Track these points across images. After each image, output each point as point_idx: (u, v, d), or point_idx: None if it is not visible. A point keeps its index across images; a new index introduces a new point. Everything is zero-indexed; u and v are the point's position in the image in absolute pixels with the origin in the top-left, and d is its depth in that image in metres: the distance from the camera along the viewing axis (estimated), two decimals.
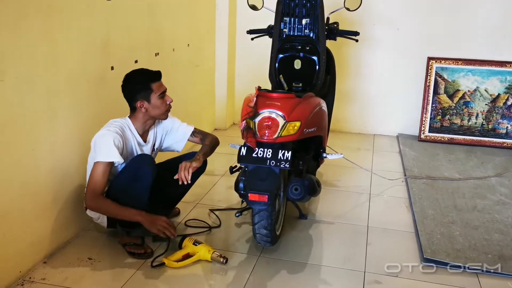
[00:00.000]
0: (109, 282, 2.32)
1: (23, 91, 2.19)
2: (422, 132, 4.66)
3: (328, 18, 3.29)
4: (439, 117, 4.64)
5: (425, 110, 4.64)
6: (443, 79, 4.59)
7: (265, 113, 2.35)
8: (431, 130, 4.66)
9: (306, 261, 2.56)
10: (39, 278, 2.31)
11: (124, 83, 2.48)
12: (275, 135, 2.31)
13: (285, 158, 2.30)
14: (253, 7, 3.31)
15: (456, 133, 4.61)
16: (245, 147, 2.36)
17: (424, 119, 4.65)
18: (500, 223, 3.00)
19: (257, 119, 2.35)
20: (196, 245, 2.47)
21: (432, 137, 4.65)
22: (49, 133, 2.40)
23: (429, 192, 3.45)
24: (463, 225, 2.97)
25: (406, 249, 2.71)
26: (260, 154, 2.33)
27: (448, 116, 4.62)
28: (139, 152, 2.54)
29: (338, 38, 3.34)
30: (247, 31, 3.38)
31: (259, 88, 2.55)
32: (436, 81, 4.59)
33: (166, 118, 2.57)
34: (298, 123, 2.37)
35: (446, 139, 4.62)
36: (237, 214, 2.77)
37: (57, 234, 2.55)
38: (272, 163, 2.30)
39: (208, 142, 2.71)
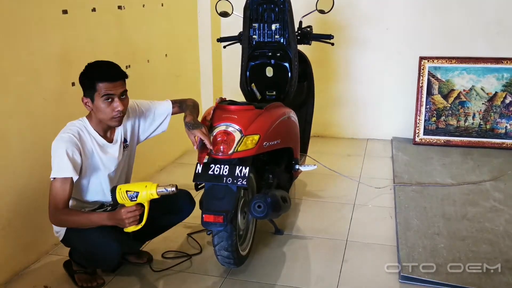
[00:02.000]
0: None
1: None
2: (417, 135, 4.47)
3: (300, 22, 3.14)
4: (434, 118, 4.44)
5: (419, 112, 4.44)
6: (437, 79, 4.39)
7: (220, 127, 2.22)
8: (426, 132, 4.46)
9: (275, 282, 2.41)
10: None
11: (81, 73, 2.21)
12: (231, 151, 2.17)
13: (242, 174, 2.16)
14: (224, 14, 3.18)
15: (452, 135, 4.41)
16: (201, 164, 2.22)
17: (418, 121, 4.45)
18: (490, 233, 2.81)
19: (213, 134, 2.21)
20: (134, 199, 2.08)
21: (428, 140, 4.45)
22: None
23: (417, 200, 3.27)
24: (449, 236, 2.78)
25: (384, 266, 2.53)
26: (217, 171, 2.19)
27: (444, 117, 4.42)
28: (103, 157, 2.26)
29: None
30: (217, 39, 3.25)
31: (219, 100, 2.43)
32: (429, 81, 4.39)
33: (116, 125, 2.24)
34: (256, 137, 2.23)
35: (442, 141, 4.42)
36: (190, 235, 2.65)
37: (15, 260, 2.44)
38: (229, 180, 2.16)
39: (190, 103, 2.47)
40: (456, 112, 4.39)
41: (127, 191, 2.07)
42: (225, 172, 2.18)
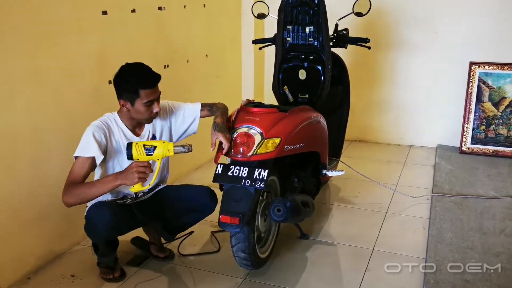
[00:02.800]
0: None
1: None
2: (464, 143, 4.28)
3: (336, 25, 3.10)
4: (483, 127, 4.23)
5: (467, 120, 4.25)
6: (487, 85, 4.18)
7: (242, 129, 2.22)
8: (474, 141, 4.26)
9: (293, 287, 2.38)
10: None
11: (116, 74, 2.25)
12: (250, 153, 2.17)
13: (261, 177, 2.16)
14: (261, 16, 3.19)
15: (502, 145, 4.18)
16: (221, 165, 2.24)
17: (465, 129, 4.26)
18: None
19: (233, 135, 2.22)
20: (150, 154, 2.10)
21: (475, 149, 4.25)
22: (30, 148, 2.41)
23: (455, 211, 3.13)
24: (483, 251, 2.64)
25: (408, 279, 2.45)
26: (236, 172, 2.20)
27: (493, 126, 4.20)
28: None
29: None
30: (252, 40, 3.27)
31: (245, 102, 2.44)
32: (479, 88, 4.19)
33: (149, 123, 2.36)
34: (277, 140, 2.21)
35: (491, 151, 4.20)
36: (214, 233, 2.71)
37: (45, 249, 2.56)
38: (247, 182, 2.16)
39: (220, 106, 2.49)
40: (507, 121, 4.16)
41: (144, 145, 2.10)
42: (244, 174, 2.18)
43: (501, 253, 2.62)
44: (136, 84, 2.19)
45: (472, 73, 4.19)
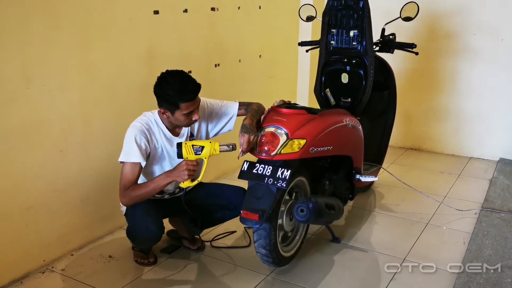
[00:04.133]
0: (113, 280, 2.45)
1: (53, 97, 2.44)
2: None
3: (383, 30, 3.05)
4: None
5: None
6: None
7: (269, 128, 2.27)
8: None
9: None
10: (59, 268, 2.54)
11: (156, 83, 2.30)
12: (274, 152, 2.22)
13: (283, 176, 2.20)
14: (309, 18, 3.21)
15: None
16: (247, 163, 2.30)
17: None
18: None
19: (260, 134, 2.28)
20: (198, 153, 2.27)
21: None
22: (81, 136, 2.62)
23: (501, 228, 2.97)
24: None
25: None
26: (260, 170, 2.26)
27: None
28: (169, 149, 2.42)
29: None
30: (298, 43, 3.30)
31: (278, 103, 2.49)
32: None
33: (188, 126, 2.47)
34: (302, 141, 2.24)
35: None
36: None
37: (88, 230, 2.77)
38: (270, 181, 2.21)
39: (255, 107, 2.52)
40: None
41: (193, 145, 2.28)
42: (268, 172, 2.23)
43: None
44: (176, 97, 2.24)
45: None
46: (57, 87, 2.46)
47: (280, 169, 2.22)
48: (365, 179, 2.76)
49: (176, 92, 2.24)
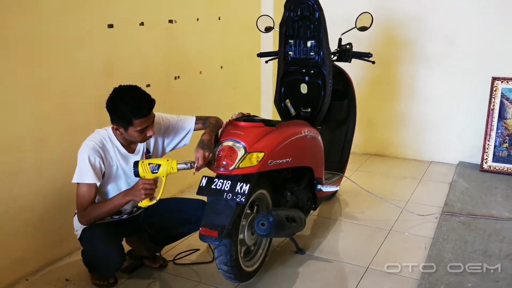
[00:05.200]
0: None
1: (1, 116, 2.35)
2: (485, 161, 4.13)
3: (340, 39, 3.08)
4: (505, 145, 4.07)
5: (488, 137, 4.10)
6: (511, 101, 4.02)
7: (226, 142, 2.25)
8: (496, 159, 4.10)
9: None
10: None
11: (109, 99, 2.25)
12: (232, 167, 2.19)
13: (242, 191, 2.17)
14: (268, 29, 3.22)
15: None
16: (206, 178, 2.27)
17: (487, 146, 4.11)
18: None
19: (217, 149, 2.25)
20: (155, 172, 2.21)
21: (496, 168, 4.09)
22: (34, 156, 2.53)
23: (461, 232, 3.03)
24: (483, 275, 2.54)
25: None
26: (219, 186, 2.22)
27: None
28: (124, 166, 2.36)
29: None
30: (257, 54, 3.29)
31: (237, 116, 2.47)
32: (502, 104, 4.04)
33: (143, 142, 2.43)
34: (261, 154, 2.22)
35: None
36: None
37: (45, 252, 2.67)
38: (229, 196, 2.18)
39: (213, 121, 2.48)
40: None
41: (149, 164, 2.22)
42: (226, 187, 2.20)
43: (501, 279, 2.51)
44: (129, 113, 2.19)
45: (494, 88, 4.05)
46: (7, 105, 2.37)
47: (239, 183, 2.19)
48: (326, 189, 2.76)
49: (129, 108, 2.19)
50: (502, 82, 4.03)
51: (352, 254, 2.83)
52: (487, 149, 4.11)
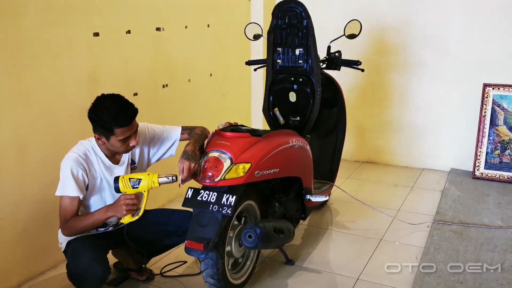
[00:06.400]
0: None
1: None
2: (477, 168, 4.10)
3: (329, 47, 3.05)
4: (497, 151, 4.05)
5: (480, 144, 4.08)
6: (502, 108, 4.01)
7: (212, 153, 2.21)
8: (488, 166, 4.08)
9: None
10: None
11: (91, 107, 2.19)
12: (218, 178, 2.15)
13: (228, 203, 2.13)
14: (256, 37, 3.18)
15: None
16: (192, 189, 2.23)
17: (479, 153, 4.09)
18: None
19: (203, 160, 2.21)
20: (136, 187, 2.15)
21: (488, 175, 4.06)
22: (15, 166, 2.48)
23: (453, 241, 2.99)
24: (474, 286, 2.51)
25: None
26: (205, 197, 2.18)
27: (508, 151, 4.01)
28: (109, 178, 2.30)
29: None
30: (245, 62, 3.26)
31: (223, 126, 2.43)
32: (493, 111, 4.02)
33: (126, 153, 2.38)
34: (247, 165, 2.18)
35: (506, 177, 4.01)
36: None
37: (28, 266, 2.61)
38: (215, 208, 2.14)
39: (198, 131, 2.43)
40: None
41: (130, 179, 2.15)
42: (212, 199, 2.16)
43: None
44: (110, 122, 2.14)
45: (486, 95, 4.03)
46: None
47: (225, 195, 2.15)
48: (315, 199, 2.72)
49: (111, 117, 2.14)
50: (493, 88, 4.01)
51: (342, 265, 2.78)
52: (479, 156, 4.09)
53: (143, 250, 2.54)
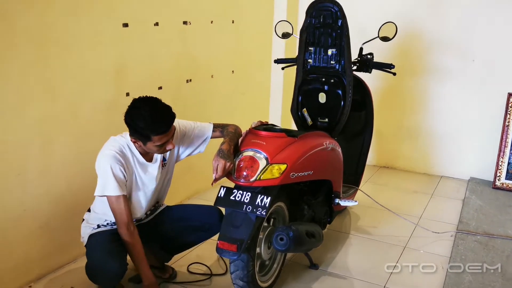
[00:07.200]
0: None
1: (9, 116, 2.23)
2: (498, 178, 4.04)
3: (361, 49, 2.99)
4: None
5: (502, 153, 4.02)
6: None
7: (247, 152, 2.14)
8: (509, 176, 4.02)
9: None
10: None
11: (127, 112, 2.10)
12: (253, 178, 2.09)
13: (263, 204, 2.07)
14: (285, 35, 3.12)
15: None
16: (224, 188, 2.17)
17: (500, 163, 4.03)
18: None
19: (237, 159, 2.15)
20: None
21: (510, 185, 4.00)
22: (40, 158, 2.41)
23: (479, 252, 2.93)
24: None
25: None
26: (238, 197, 2.12)
27: None
28: (142, 176, 2.26)
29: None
30: (274, 60, 3.20)
31: (256, 124, 2.37)
32: None
33: (161, 154, 2.31)
34: (283, 166, 2.12)
35: None
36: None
37: (48, 259, 2.56)
38: (248, 208, 2.08)
39: (231, 129, 2.36)
40: None
41: None
42: (246, 199, 2.10)
43: None
44: (147, 129, 2.06)
45: (510, 104, 3.96)
46: (14, 106, 2.25)
47: (259, 196, 2.09)
48: (344, 203, 2.66)
49: (148, 125, 2.05)
50: None
51: (367, 271, 2.72)
52: (501, 166, 4.03)
53: (167, 247, 2.48)
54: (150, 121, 2.05)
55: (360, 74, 3.19)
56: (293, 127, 3.92)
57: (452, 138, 4.31)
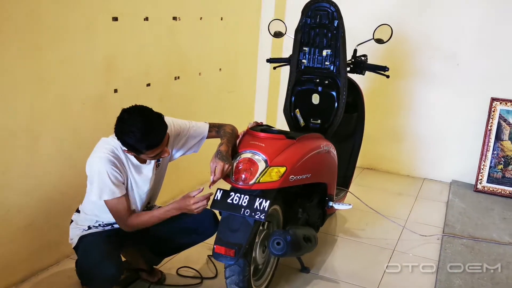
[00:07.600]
0: None
1: None
2: (479, 181, 4.09)
3: (355, 51, 2.97)
4: (500, 166, 4.05)
5: (484, 157, 4.07)
6: (508, 123, 4.01)
7: (245, 154, 2.09)
8: (490, 180, 4.08)
9: None
10: None
11: (117, 126, 1.99)
12: (252, 181, 2.03)
13: (261, 208, 2.01)
14: (278, 34, 3.07)
15: None
16: (221, 191, 2.10)
17: (482, 167, 4.08)
18: None
19: (236, 160, 2.09)
20: None
21: (491, 189, 4.06)
22: (26, 154, 2.30)
23: (466, 256, 2.95)
24: None
25: None
26: (236, 200, 2.06)
27: None
28: (137, 177, 2.17)
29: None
30: (267, 59, 3.15)
31: (252, 125, 2.31)
32: (499, 125, 4.02)
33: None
34: (282, 169, 2.07)
35: (508, 192, 4.01)
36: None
37: (34, 260, 2.45)
38: (247, 212, 2.02)
39: (229, 130, 2.30)
40: None
41: None
42: (244, 202, 2.04)
43: None
44: (138, 145, 1.97)
45: (493, 109, 4.02)
46: (2, 96, 2.14)
47: (257, 199, 2.04)
48: (338, 206, 2.63)
49: (138, 141, 1.95)
50: (500, 103, 4.01)
51: (358, 275, 2.71)
52: (482, 169, 4.08)
53: (158, 249, 2.41)
54: (140, 138, 1.94)
55: (352, 76, 3.17)
56: (278, 126, 3.88)
57: (436, 141, 4.35)
